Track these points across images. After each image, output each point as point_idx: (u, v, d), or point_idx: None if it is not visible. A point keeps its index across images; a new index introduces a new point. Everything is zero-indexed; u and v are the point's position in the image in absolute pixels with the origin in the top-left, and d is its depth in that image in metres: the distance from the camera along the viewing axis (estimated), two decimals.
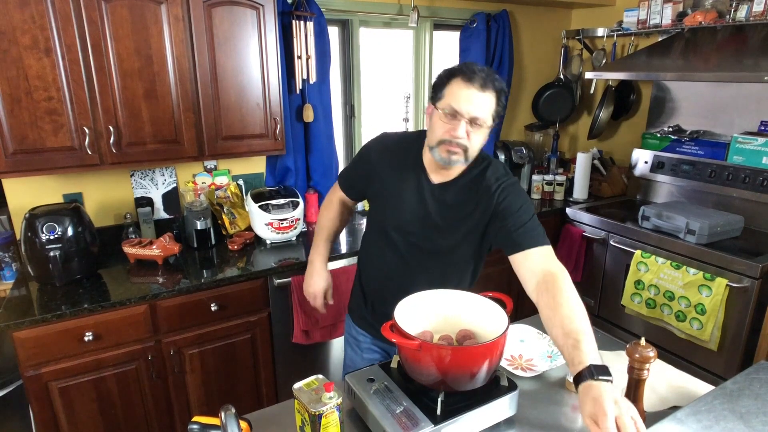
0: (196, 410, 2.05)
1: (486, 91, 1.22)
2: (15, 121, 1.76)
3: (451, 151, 1.25)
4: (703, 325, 2.22)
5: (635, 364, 1.03)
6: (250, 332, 2.09)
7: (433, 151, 1.28)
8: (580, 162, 3.01)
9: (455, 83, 1.23)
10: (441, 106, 1.25)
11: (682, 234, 2.35)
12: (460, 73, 1.24)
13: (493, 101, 1.25)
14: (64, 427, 1.82)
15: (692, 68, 2.42)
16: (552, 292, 1.15)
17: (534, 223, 1.30)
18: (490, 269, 2.76)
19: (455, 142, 1.23)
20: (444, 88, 1.25)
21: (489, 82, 1.23)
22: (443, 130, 1.24)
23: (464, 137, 1.23)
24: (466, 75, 1.22)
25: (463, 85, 1.22)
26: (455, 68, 1.26)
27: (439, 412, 1.05)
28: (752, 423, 0.97)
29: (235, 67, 2.09)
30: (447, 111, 1.23)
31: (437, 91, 1.28)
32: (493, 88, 1.24)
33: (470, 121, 1.23)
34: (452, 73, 1.25)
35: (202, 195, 2.42)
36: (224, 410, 0.91)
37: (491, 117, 1.26)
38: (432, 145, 1.28)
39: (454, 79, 1.24)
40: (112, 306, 1.79)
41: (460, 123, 1.22)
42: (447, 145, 1.25)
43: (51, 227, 1.83)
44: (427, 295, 1.23)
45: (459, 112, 1.22)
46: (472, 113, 1.22)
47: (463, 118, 1.22)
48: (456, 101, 1.22)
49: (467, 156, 1.27)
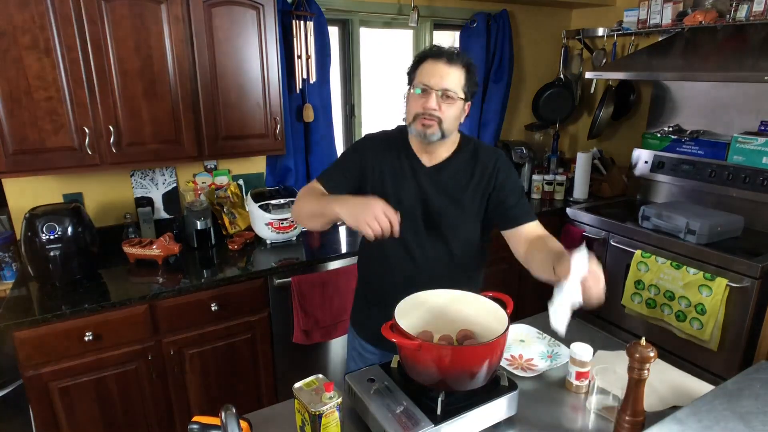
0: (196, 410, 2.05)
1: (453, 65, 1.29)
2: (15, 121, 1.76)
3: (426, 124, 1.31)
4: (704, 325, 2.22)
5: (635, 364, 1.03)
6: (250, 332, 2.09)
7: (411, 128, 1.35)
8: (580, 162, 3.01)
9: (425, 63, 1.32)
10: (414, 86, 1.33)
11: (682, 234, 2.35)
12: (428, 54, 1.32)
13: (463, 75, 1.31)
14: (64, 427, 1.82)
15: (692, 68, 2.42)
16: (543, 241, 1.33)
17: (525, 198, 1.45)
18: (490, 269, 2.77)
19: (427, 113, 1.29)
20: (416, 71, 1.34)
21: (456, 56, 1.31)
22: (417, 105, 1.31)
23: (437, 108, 1.29)
24: (434, 53, 1.31)
25: (431, 61, 1.31)
26: (424, 51, 1.35)
27: (439, 412, 1.05)
28: (752, 423, 0.97)
29: (235, 66, 2.09)
30: (420, 89, 1.31)
31: (410, 76, 1.36)
32: (461, 62, 1.31)
33: (442, 94, 1.29)
34: (422, 55, 1.34)
35: (202, 195, 2.42)
36: (224, 410, 0.91)
37: (462, 90, 1.32)
38: (410, 122, 1.35)
39: (424, 60, 1.32)
40: (112, 306, 1.79)
41: (431, 96, 1.29)
42: (421, 118, 1.31)
43: (51, 227, 1.83)
44: (427, 295, 1.23)
45: (429, 86, 1.29)
46: (442, 85, 1.28)
47: (433, 90, 1.29)
48: (426, 77, 1.30)
49: (443, 129, 1.32)
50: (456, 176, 1.41)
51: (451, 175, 1.41)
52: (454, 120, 1.33)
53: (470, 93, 1.35)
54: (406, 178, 1.40)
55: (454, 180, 1.41)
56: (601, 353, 1.41)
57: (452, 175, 1.41)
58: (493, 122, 3.15)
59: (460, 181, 1.41)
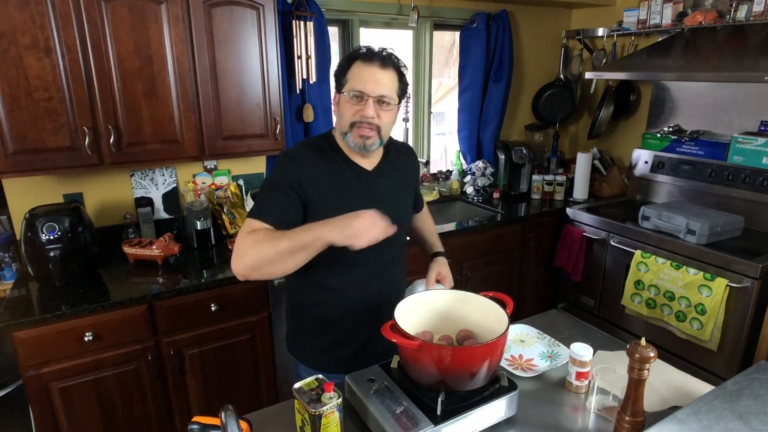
0: (196, 410, 2.05)
1: (387, 69, 1.24)
2: (15, 121, 1.76)
3: (364, 135, 1.25)
4: (703, 325, 2.22)
5: (635, 364, 1.03)
6: (250, 332, 2.09)
7: (347, 137, 1.27)
8: (580, 162, 3.01)
9: (356, 66, 1.24)
10: (346, 90, 1.25)
11: (682, 234, 2.35)
12: (359, 56, 1.25)
13: (396, 78, 1.26)
14: (64, 427, 1.82)
15: (692, 68, 2.42)
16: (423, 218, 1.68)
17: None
18: (490, 269, 2.78)
19: (366, 122, 1.24)
20: (346, 73, 1.26)
21: (389, 60, 1.25)
22: (352, 112, 1.24)
23: (375, 116, 1.24)
24: (366, 56, 1.24)
25: (364, 65, 1.23)
26: (353, 52, 1.27)
27: (439, 412, 1.05)
28: (752, 423, 0.97)
29: (235, 67, 2.09)
30: (353, 94, 1.23)
31: (340, 78, 1.27)
32: (393, 65, 1.26)
33: (377, 100, 1.23)
34: (352, 57, 1.26)
35: (202, 195, 2.42)
36: (224, 410, 0.91)
37: (396, 95, 1.27)
38: (345, 131, 1.27)
39: (355, 62, 1.25)
40: (112, 306, 1.79)
41: (368, 102, 1.23)
42: (358, 128, 1.24)
43: (51, 227, 1.83)
44: (427, 295, 1.23)
45: (364, 93, 1.22)
46: (378, 91, 1.22)
47: (369, 97, 1.22)
48: (360, 82, 1.22)
49: (381, 137, 1.28)
50: (394, 177, 1.41)
51: (390, 176, 1.40)
52: (391, 126, 1.30)
53: (403, 95, 1.31)
54: (351, 186, 1.32)
55: (394, 180, 1.41)
56: (601, 353, 1.41)
57: (391, 176, 1.40)
58: (493, 122, 3.15)
59: (398, 181, 1.42)
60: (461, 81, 3.10)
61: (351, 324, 1.40)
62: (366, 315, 1.39)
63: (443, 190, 3.17)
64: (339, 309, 1.38)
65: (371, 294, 1.39)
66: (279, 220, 1.20)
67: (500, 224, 2.73)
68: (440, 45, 3.22)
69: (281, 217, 1.21)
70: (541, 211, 2.90)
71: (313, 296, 1.39)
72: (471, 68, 3.02)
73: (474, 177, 3.10)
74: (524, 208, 2.92)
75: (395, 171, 1.42)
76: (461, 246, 2.60)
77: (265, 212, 1.21)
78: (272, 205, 1.23)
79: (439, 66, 3.24)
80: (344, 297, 1.37)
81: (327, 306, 1.39)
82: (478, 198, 3.08)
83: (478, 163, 3.11)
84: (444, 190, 3.17)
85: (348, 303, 1.38)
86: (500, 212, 2.85)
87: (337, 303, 1.38)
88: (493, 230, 2.70)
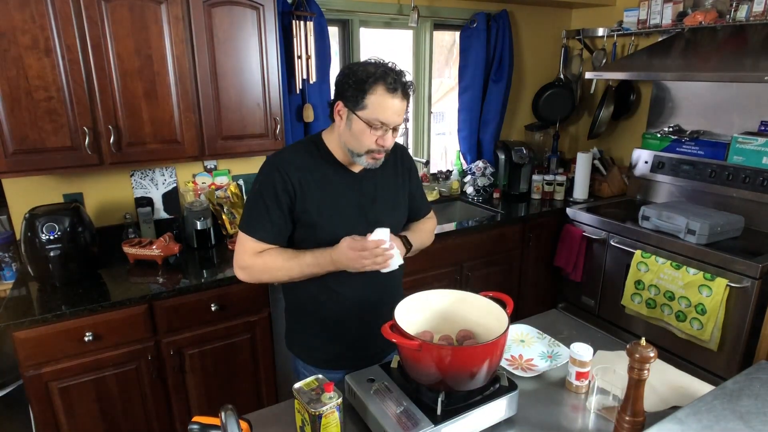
0: (196, 410, 2.05)
1: (405, 99, 1.27)
2: (15, 121, 1.76)
3: (377, 159, 1.30)
4: (703, 325, 2.22)
5: (635, 364, 1.03)
6: (250, 332, 2.09)
7: (359, 158, 1.30)
8: (580, 162, 3.01)
9: (379, 92, 1.21)
10: (366, 118, 1.23)
11: (682, 234, 2.35)
12: (384, 82, 1.21)
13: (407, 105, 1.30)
14: (64, 427, 1.82)
15: (692, 68, 2.42)
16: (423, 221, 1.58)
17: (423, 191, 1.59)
18: (490, 269, 2.78)
19: (384, 150, 1.29)
20: (366, 96, 1.22)
21: (407, 89, 1.26)
22: (372, 140, 1.26)
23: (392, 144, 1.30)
24: (391, 85, 1.22)
25: (389, 96, 1.22)
26: (377, 74, 1.22)
27: (439, 412, 1.05)
28: (752, 423, 0.97)
29: (235, 67, 2.09)
30: (375, 125, 1.24)
31: (357, 97, 1.23)
32: (409, 94, 1.28)
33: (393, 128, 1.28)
34: (375, 79, 1.21)
35: (202, 195, 2.42)
36: (224, 410, 0.91)
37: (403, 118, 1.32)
38: (359, 153, 1.29)
39: (378, 86, 1.21)
40: (112, 306, 1.79)
41: (388, 133, 1.27)
42: (375, 153, 1.29)
43: (51, 227, 1.83)
44: (427, 295, 1.23)
45: (386, 124, 1.25)
46: (397, 123, 1.27)
47: (390, 128, 1.26)
48: (383, 114, 1.23)
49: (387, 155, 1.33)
50: (383, 178, 1.42)
51: (379, 178, 1.41)
52: None
53: None
54: (339, 189, 1.35)
55: (383, 182, 1.41)
56: (601, 353, 1.41)
57: (380, 178, 1.41)
58: (493, 122, 3.15)
59: (388, 182, 1.43)
60: (461, 81, 3.10)
61: (347, 323, 1.41)
62: (362, 315, 1.41)
63: (443, 190, 3.17)
64: (335, 308, 1.40)
65: (368, 294, 1.40)
66: (274, 236, 1.31)
67: (500, 224, 2.73)
68: (440, 45, 3.22)
69: (275, 235, 1.31)
70: (541, 211, 2.90)
71: (310, 295, 1.40)
72: (471, 68, 3.02)
73: (474, 177, 3.10)
74: (524, 208, 2.92)
75: (384, 172, 1.42)
76: (461, 246, 2.60)
77: (260, 230, 1.30)
78: (265, 222, 1.30)
79: (439, 66, 3.24)
80: (341, 297, 1.39)
81: (324, 305, 1.40)
82: (478, 198, 3.08)
83: (478, 163, 3.11)
84: (444, 190, 3.17)
85: (345, 303, 1.39)
86: (500, 212, 2.85)
87: (333, 302, 1.39)
88: (493, 230, 2.70)
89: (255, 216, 1.31)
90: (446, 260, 2.57)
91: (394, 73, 1.23)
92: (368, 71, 1.22)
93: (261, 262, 1.30)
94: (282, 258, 1.30)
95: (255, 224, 1.31)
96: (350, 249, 1.23)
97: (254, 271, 1.32)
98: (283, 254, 1.30)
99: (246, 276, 1.35)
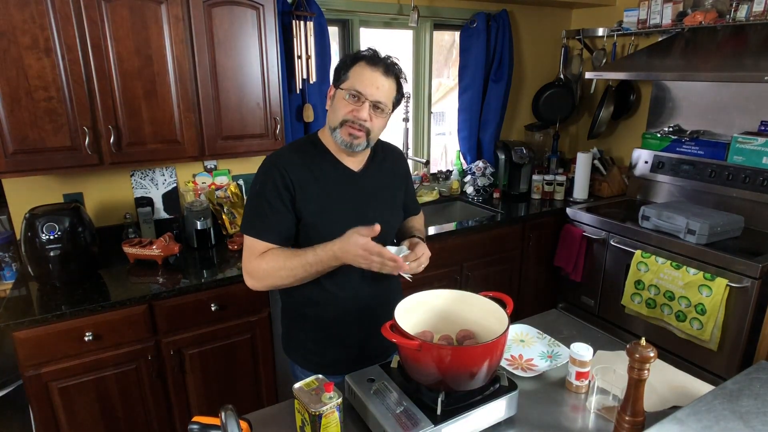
0: (196, 410, 2.05)
1: (389, 77, 1.26)
2: (15, 121, 1.76)
3: (353, 134, 1.26)
4: (703, 325, 2.22)
5: (635, 364, 1.03)
6: (250, 332, 2.09)
7: (335, 133, 1.28)
8: (580, 162, 3.01)
9: (360, 66, 1.25)
10: (345, 87, 1.26)
11: (682, 234, 2.35)
12: (364, 57, 1.26)
13: (394, 87, 1.29)
14: (64, 427, 1.82)
15: (692, 68, 2.42)
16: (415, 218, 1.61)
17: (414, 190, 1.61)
18: (490, 269, 2.78)
19: (358, 123, 1.25)
20: (348, 71, 1.26)
21: (392, 68, 1.27)
22: (346, 110, 1.25)
23: (368, 119, 1.26)
24: (371, 59, 1.26)
25: (368, 68, 1.25)
26: (360, 52, 1.28)
27: (439, 412, 1.05)
28: (752, 423, 0.97)
29: (235, 67, 2.09)
30: (351, 92, 1.25)
31: (340, 74, 1.28)
32: (395, 74, 1.28)
33: (373, 105, 1.26)
34: (357, 56, 1.27)
35: (202, 195, 2.42)
36: (224, 410, 0.91)
37: (391, 103, 1.30)
38: (334, 126, 1.28)
39: (359, 62, 1.26)
40: (112, 306, 1.79)
41: (364, 105, 1.25)
42: (349, 126, 1.26)
43: (51, 227, 1.83)
44: (427, 295, 1.23)
45: (363, 94, 1.24)
46: (376, 97, 1.25)
47: (367, 100, 1.24)
48: (361, 83, 1.24)
49: (369, 140, 1.29)
50: (382, 178, 1.42)
51: (377, 177, 1.41)
52: (380, 131, 1.32)
53: (397, 104, 1.34)
54: (338, 187, 1.33)
55: (381, 182, 1.41)
56: (601, 353, 1.41)
57: (378, 177, 1.41)
58: (493, 122, 3.15)
59: (385, 182, 1.43)
60: (461, 81, 3.10)
61: (343, 326, 1.40)
62: (359, 318, 1.39)
63: (443, 190, 3.17)
64: (332, 311, 1.38)
65: (364, 297, 1.39)
66: (279, 237, 1.29)
67: (500, 224, 2.73)
68: (440, 45, 3.22)
69: (281, 233, 1.29)
70: (541, 211, 2.90)
71: (307, 297, 1.39)
72: (471, 68, 3.02)
73: (474, 177, 3.10)
74: (524, 208, 2.92)
75: (383, 172, 1.43)
76: (461, 246, 2.60)
77: (265, 231, 1.28)
78: (268, 223, 1.28)
79: (439, 66, 3.24)
80: (337, 299, 1.37)
81: (320, 307, 1.39)
82: (478, 198, 3.08)
83: (478, 163, 3.11)
84: (444, 190, 3.17)
85: (341, 305, 1.38)
86: (500, 212, 2.85)
87: (329, 305, 1.38)
88: (493, 230, 2.70)
89: (259, 216, 1.28)
90: (446, 260, 2.58)
91: (378, 52, 1.28)
92: (355, 53, 1.29)
93: (264, 263, 1.27)
94: (283, 257, 1.26)
95: (259, 225, 1.28)
96: (363, 249, 1.18)
97: (259, 273, 1.28)
98: (283, 253, 1.27)
99: (254, 282, 1.30)
